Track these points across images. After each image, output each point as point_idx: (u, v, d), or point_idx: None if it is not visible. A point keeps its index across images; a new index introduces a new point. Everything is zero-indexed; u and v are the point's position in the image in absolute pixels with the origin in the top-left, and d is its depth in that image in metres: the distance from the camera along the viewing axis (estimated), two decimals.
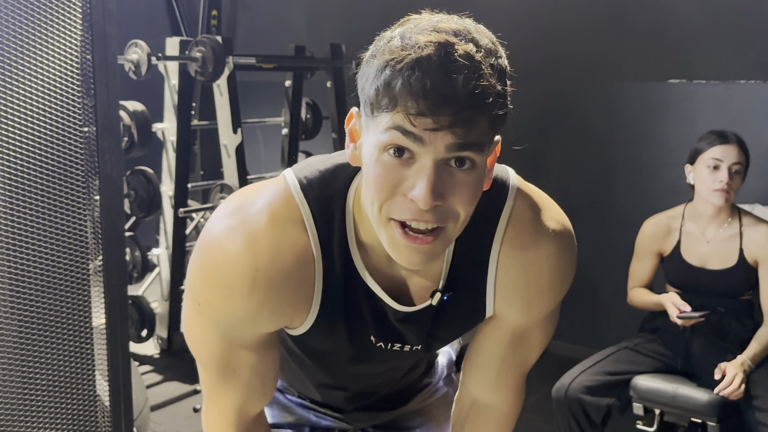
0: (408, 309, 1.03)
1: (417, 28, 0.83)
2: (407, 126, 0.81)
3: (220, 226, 0.97)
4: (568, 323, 3.88)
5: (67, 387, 1.81)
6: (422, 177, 0.82)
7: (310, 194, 0.97)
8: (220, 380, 1.08)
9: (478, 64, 0.80)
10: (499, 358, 1.15)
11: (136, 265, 3.48)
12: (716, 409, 2.24)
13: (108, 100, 1.85)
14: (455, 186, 0.84)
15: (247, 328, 1.01)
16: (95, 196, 1.85)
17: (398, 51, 0.81)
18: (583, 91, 3.77)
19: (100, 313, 1.88)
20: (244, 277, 0.95)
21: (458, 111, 0.79)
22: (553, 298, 1.08)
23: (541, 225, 1.02)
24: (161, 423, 3.09)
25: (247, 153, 3.68)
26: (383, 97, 0.82)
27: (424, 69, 0.79)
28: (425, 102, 0.79)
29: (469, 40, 0.82)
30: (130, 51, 3.35)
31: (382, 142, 0.84)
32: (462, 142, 0.81)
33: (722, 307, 2.38)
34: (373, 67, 0.84)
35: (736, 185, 2.32)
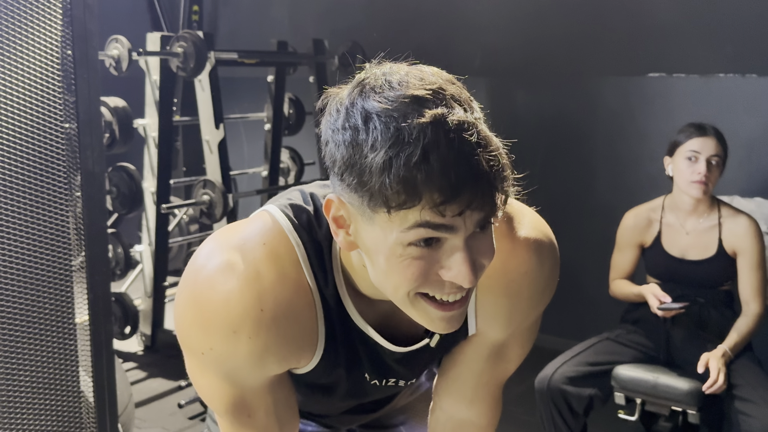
0: (404, 350, 1.01)
1: (394, 103, 0.77)
2: (436, 219, 0.77)
3: (211, 267, 0.91)
4: (551, 315, 3.89)
5: (51, 384, 1.81)
6: (458, 259, 0.80)
7: (304, 236, 0.94)
8: (236, 426, 1.04)
9: (476, 131, 0.77)
10: (477, 373, 1.13)
11: (118, 261, 3.46)
12: (696, 397, 2.27)
13: (89, 96, 1.85)
14: (482, 251, 0.83)
15: (254, 373, 0.97)
16: (77, 193, 1.84)
17: (397, 143, 0.75)
18: (563, 85, 3.80)
19: (83, 309, 1.87)
20: (248, 319, 0.90)
21: (484, 187, 0.76)
22: (535, 311, 1.07)
23: (518, 239, 0.99)
24: (146, 419, 3.08)
25: (230, 149, 3.67)
26: (401, 195, 0.76)
27: (439, 156, 0.74)
28: (450, 190, 0.75)
29: (450, 99, 0.79)
30: (110, 47, 3.32)
31: (408, 239, 0.79)
32: (490, 214, 0.79)
33: (702, 297, 2.41)
34: (371, 161, 0.77)
35: (714, 177, 2.34)
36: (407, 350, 1.01)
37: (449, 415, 1.22)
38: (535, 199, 3.55)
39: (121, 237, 3.50)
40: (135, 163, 3.52)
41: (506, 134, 1.93)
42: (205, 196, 3.45)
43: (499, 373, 1.15)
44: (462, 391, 1.16)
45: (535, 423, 2.61)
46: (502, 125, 3.57)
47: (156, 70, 3.51)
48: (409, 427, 1.38)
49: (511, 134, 3.28)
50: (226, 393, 1.00)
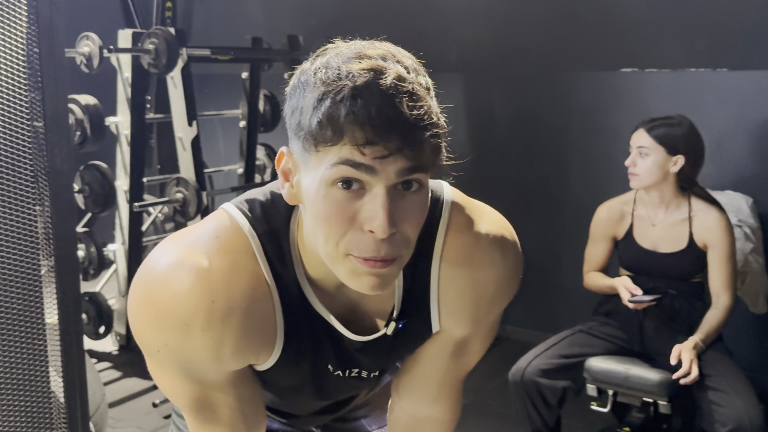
0: (364, 338, 1.01)
1: (342, 57, 0.82)
2: (357, 158, 0.79)
3: (162, 263, 0.91)
4: (526, 309, 3.93)
5: (20, 384, 1.79)
6: (377, 206, 0.81)
7: (258, 228, 0.94)
8: (202, 423, 1.03)
9: (412, 87, 0.80)
10: (441, 370, 1.13)
11: (92, 261, 3.43)
12: (667, 388, 2.30)
13: (56, 93, 1.82)
14: (407, 210, 0.83)
15: (212, 368, 0.96)
16: (45, 192, 1.82)
17: (333, 82, 0.79)
18: (537, 81, 3.82)
19: (52, 310, 1.86)
20: (200, 311, 0.89)
21: (407, 134, 0.78)
22: (499, 305, 1.08)
23: (480, 234, 1.00)
24: (121, 419, 3.06)
25: (206, 146, 3.66)
26: (327, 130, 0.79)
27: (366, 96, 0.78)
28: (373, 130, 0.77)
29: (396, 62, 0.82)
30: (81, 44, 3.29)
31: (330, 176, 0.81)
32: (413, 165, 0.80)
33: (673, 289, 2.43)
34: (308, 101, 0.81)
35: (642, 167, 2.38)
36: (367, 339, 1.01)
37: (411, 414, 1.22)
38: (510, 193, 3.60)
39: (95, 236, 3.47)
40: (107, 161, 3.49)
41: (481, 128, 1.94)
42: (178, 194, 3.43)
43: (461, 368, 1.16)
44: (426, 389, 1.17)
45: (510, 416, 2.63)
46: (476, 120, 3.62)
47: (128, 67, 3.48)
48: (370, 420, 1.39)
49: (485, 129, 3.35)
50: (187, 390, 0.99)
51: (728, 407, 2.15)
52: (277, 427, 1.35)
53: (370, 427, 1.39)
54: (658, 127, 2.38)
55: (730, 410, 2.14)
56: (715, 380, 2.24)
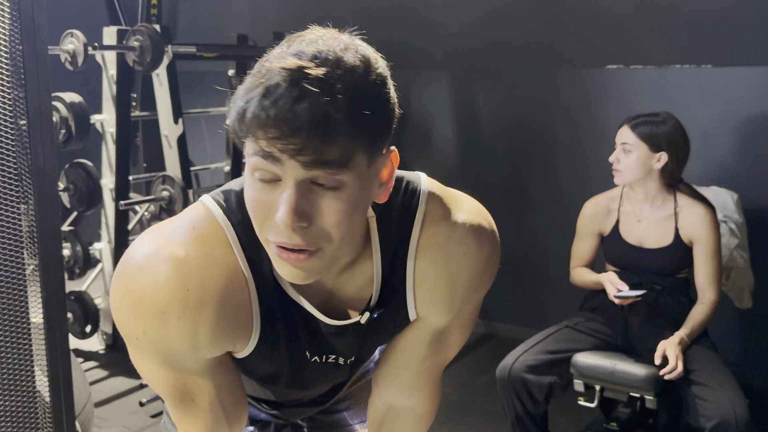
0: (339, 323, 1.02)
1: (283, 53, 0.84)
2: (264, 148, 0.82)
3: (140, 255, 0.94)
4: (513, 305, 3.95)
5: (5, 384, 1.78)
6: (283, 198, 0.83)
7: (233, 218, 0.96)
8: (182, 411, 1.05)
9: (328, 88, 0.80)
10: (419, 359, 1.14)
11: (77, 260, 3.41)
12: (653, 383, 2.31)
13: (39, 91, 1.81)
14: (322, 207, 0.85)
15: (189, 356, 0.98)
16: (29, 191, 1.81)
17: (254, 79, 0.83)
18: (523, 78, 3.83)
19: (37, 309, 1.84)
20: (175, 300, 0.92)
21: (305, 137, 0.79)
22: (475, 294, 1.08)
23: (456, 222, 1.02)
24: (107, 419, 3.05)
25: (192, 144, 3.64)
26: (239, 126, 0.83)
27: (272, 98, 0.80)
28: (274, 130, 0.80)
29: (328, 62, 0.82)
30: (65, 41, 3.27)
31: (250, 166, 0.85)
32: (316, 161, 0.81)
33: (659, 284, 2.45)
34: (237, 93, 0.85)
35: (625, 164, 2.40)
36: (342, 324, 1.03)
37: (389, 405, 1.23)
38: (496, 190, 3.60)
39: (80, 235, 3.45)
40: (93, 159, 3.46)
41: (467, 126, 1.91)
42: (164, 192, 3.41)
43: (440, 359, 1.16)
44: (403, 379, 1.17)
45: (497, 412, 2.63)
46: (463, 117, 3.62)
47: (113, 65, 3.45)
48: (353, 413, 1.40)
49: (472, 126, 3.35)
50: (167, 377, 1.01)
51: (714, 401, 2.16)
52: (264, 418, 1.35)
53: (352, 420, 1.40)
54: (642, 125, 2.39)
55: (716, 404, 2.15)
56: (700, 375, 2.26)
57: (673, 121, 2.41)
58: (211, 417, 1.05)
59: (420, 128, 4.10)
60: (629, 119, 2.43)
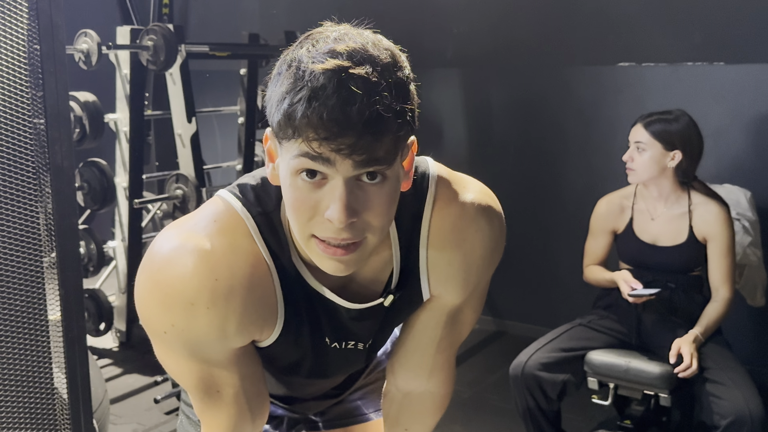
0: (359, 306, 1.04)
1: (313, 53, 0.84)
2: (312, 151, 0.83)
3: (165, 248, 0.96)
4: (524, 303, 3.95)
5: (24, 381, 1.79)
6: (335, 197, 0.85)
7: (252, 209, 0.99)
8: (207, 403, 1.07)
9: (373, 87, 0.82)
10: (435, 341, 1.16)
11: (91, 258, 3.44)
12: (668, 381, 2.31)
13: (57, 90, 1.82)
14: (368, 201, 0.87)
15: (217, 346, 0.99)
16: (47, 189, 1.82)
17: (297, 81, 0.83)
18: (535, 75, 3.82)
19: (55, 306, 1.86)
20: (204, 290, 0.93)
21: (357, 137, 0.81)
22: (487, 271, 1.11)
23: (466, 203, 1.04)
24: (122, 416, 3.07)
25: (203, 143, 3.66)
26: (286, 128, 0.84)
27: (321, 99, 0.81)
28: (325, 131, 0.81)
29: (365, 59, 0.83)
30: (79, 41, 3.29)
31: (294, 167, 0.86)
32: (367, 160, 0.84)
33: (672, 282, 2.45)
34: (275, 95, 0.86)
35: (639, 163, 2.39)
36: (362, 307, 1.05)
37: (406, 392, 1.24)
38: (508, 188, 3.59)
39: (94, 233, 3.47)
40: (106, 158, 3.49)
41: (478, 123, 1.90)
42: (178, 190, 3.43)
43: (455, 338, 1.18)
44: (421, 362, 1.19)
45: (509, 410, 2.64)
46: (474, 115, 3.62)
47: (126, 64, 3.47)
48: (367, 402, 1.42)
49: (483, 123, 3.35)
50: (193, 370, 1.02)
51: (728, 399, 2.16)
52: (281, 413, 1.37)
53: (367, 409, 1.42)
54: (655, 123, 2.38)
55: (730, 402, 2.15)
56: (714, 373, 2.25)
57: (687, 119, 2.40)
58: (235, 408, 1.07)
59: (431, 126, 4.11)
60: (642, 117, 2.43)
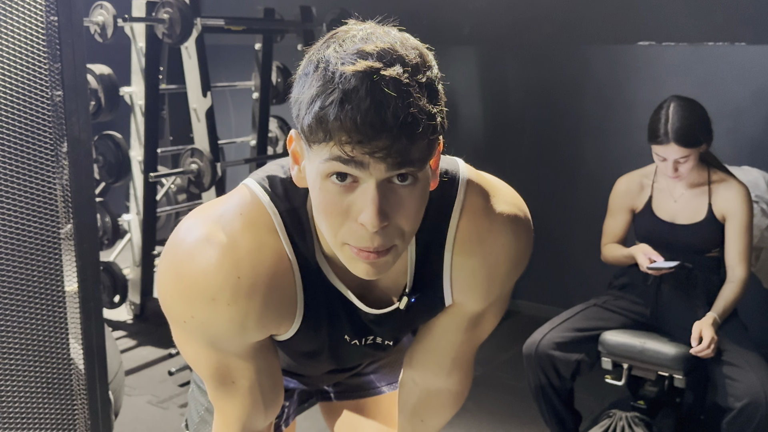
0: (378, 311, 1.04)
1: (341, 53, 0.83)
2: (346, 156, 0.82)
3: (191, 239, 0.95)
4: (537, 283, 3.94)
5: (41, 352, 1.81)
6: (368, 200, 0.84)
7: (280, 205, 0.98)
8: (221, 392, 1.08)
9: (406, 89, 0.81)
10: (456, 344, 1.17)
11: (106, 231, 3.45)
12: (683, 362, 2.30)
13: (74, 62, 1.81)
14: (400, 203, 0.86)
15: (235, 340, 1.00)
16: (64, 160, 1.82)
17: (326, 83, 0.81)
18: (552, 54, 3.78)
19: (72, 279, 1.87)
20: (226, 286, 0.93)
21: (392, 140, 0.80)
22: (510, 282, 1.11)
23: (495, 213, 1.02)
24: (136, 387, 3.10)
25: (217, 118, 3.64)
26: (317, 132, 0.82)
27: (354, 102, 0.79)
28: (359, 134, 0.80)
29: (395, 59, 0.82)
30: (95, 13, 3.28)
31: (324, 170, 0.84)
32: (401, 162, 0.82)
33: (690, 262, 2.43)
34: (305, 96, 0.84)
35: (685, 169, 2.34)
36: (381, 312, 1.05)
37: (423, 387, 1.25)
38: (523, 167, 3.55)
39: (109, 206, 3.48)
40: (121, 131, 3.49)
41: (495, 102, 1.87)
42: (193, 165, 3.43)
43: (475, 341, 1.19)
44: (440, 363, 1.20)
45: (521, 388, 2.65)
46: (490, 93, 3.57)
47: (142, 37, 3.46)
48: (380, 376, 1.43)
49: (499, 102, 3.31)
50: (210, 359, 1.03)
51: (743, 382, 2.15)
52: (293, 386, 1.38)
53: (379, 383, 1.43)
54: (683, 134, 2.28)
55: (745, 384, 2.15)
56: (730, 355, 2.25)
57: (697, 111, 2.33)
58: (249, 399, 1.08)
59: (446, 104, 4.08)
60: (667, 135, 2.29)
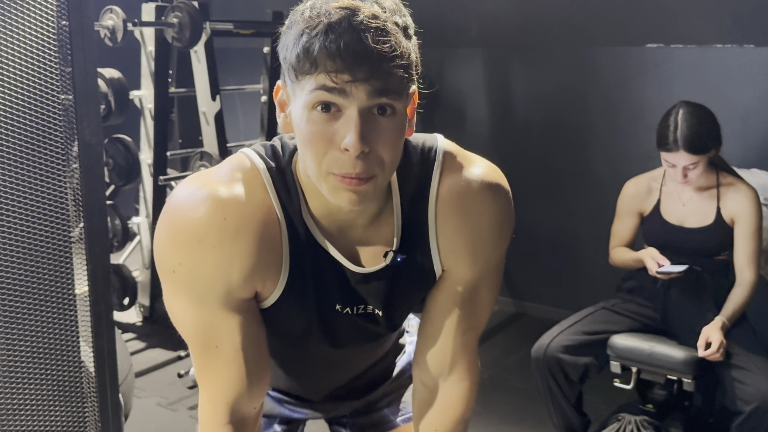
0: (365, 270, 1.07)
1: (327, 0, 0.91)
2: (329, 83, 0.89)
3: (182, 194, 1.01)
4: (544, 285, 3.94)
5: (51, 355, 1.82)
6: (350, 125, 0.90)
7: (268, 163, 1.04)
8: (204, 359, 1.08)
9: (383, 23, 0.89)
10: (454, 321, 1.16)
11: (116, 233, 3.47)
12: (692, 366, 2.30)
13: (85, 66, 1.83)
14: (380, 132, 0.92)
15: (221, 291, 1.02)
16: (74, 164, 1.83)
17: (312, 19, 0.90)
18: (560, 56, 3.78)
19: (82, 282, 1.88)
20: (213, 227, 0.98)
21: (373, 64, 0.88)
22: (497, 247, 1.12)
23: (472, 173, 1.08)
24: (145, 389, 3.11)
25: (226, 120, 3.66)
26: (304, 62, 0.90)
27: (337, 32, 0.88)
28: (342, 61, 0.87)
29: (373, 3, 0.92)
30: (105, 17, 3.30)
31: (310, 101, 0.91)
32: (380, 89, 0.90)
33: (699, 266, 2.42)
34: (291, 36, 0.92)
35: (695, 175, 2.33)
36: (368, 271, 1.08)
37: (432, 386, 1.23)
38: (531, 169, 3.54)
39: (119, 209, 3.50)
40: (131, 134, 3.50)
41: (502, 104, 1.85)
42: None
43: (474, 321, 1.18)
44: (443, 347, 1.18)
45: (529, 391, 2.64)
46: (498, 95, 3.57)
47: (151, 41, 3.48)
48: (394, 409, 1.41)
49: (507, 104, 3.31)
50: (195, 317, 1.05)
51: (753, 385, 2.15)
52: (300, 417, 1.36)
53: (393, 416, 1.41)
54: (693, 141, 2.28)
55: (755, 388, 2.14)
56: (739, 358, 2.24)
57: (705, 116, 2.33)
58: (234, 368, 1.07)
59: (453, 106, 4.08)
60: (679, 143, 2.28)
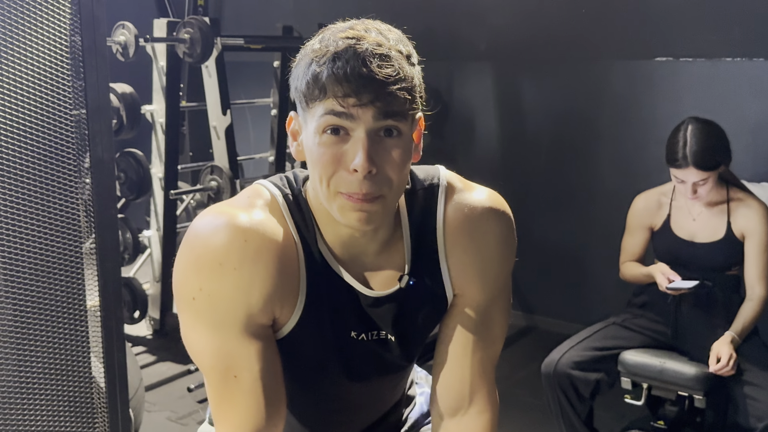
0: (376, 293, 1.10)
1: (333, 32, 0.99)
2: (338, 107, 0.95)
3: (201, 222, 1.04)
4: (555, 299, 3.93)
5: (62, 369, 1.83)
6: (358, 147, 0.96)
7: (284, 191, 1.09)
8: (222, 390, 1.06)
9: (387, 50, 0.97)
10: (469, 348, 1.16)
11: (127, 246, 3.49)
12: (703, 382, 2.29)
13: (98, 82, 1.85)
14: (387, 153, 0.98)
15: (241, 315, 1.02)
16: (86, 179, 1.85)
17: (320, 50, 0.97)
18: (570, 69, 3.79)
19: (93, 294, 1.89)
20: (233, 249, 1.00)
21: (377, 88, 0.95)
22: (503, 264, 1.16)
23: (475, 199, 1.14)
24: (155, 403, 3.11)
25: (236, 134, 3.68)
26: (314, 89, 0.97)
27: (343, 59, 0.95)
28: (349, 85, 0.94)
29: (378, 33, 0.99)
30: (117, 33, 3.33)
31: (320, 125, 0.98)
32: (385, 112, 0.96)
33: (709, 281, 2.41)
34: (301, 67, 1.00)
35: (704, 191, 2.33)
36: (380, 294, 1.11)
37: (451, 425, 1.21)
38: (540, 184, 3.55)
39: (130, 222, 3.52)
40: (142, 148, 3.53)
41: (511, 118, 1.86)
42: (212, 182, 3.47)
43: (490, 348, 1.19)
44: (461, 381, 1.18)
45: (539, 406, 2.63)
46: (507, 109, 3.59)
47: (163, 56, 3.51)
48: None
49: (516, 118, 3.32)
50: (213, 346, 1.05)
51: (765, 402, 2.13)
52: None
53: None
54: (702, 158, 2.27)
55: (766, 404, 2.12)
56: (751, 374, 2.23)
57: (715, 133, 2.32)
58: (252, 399, 1.05)
59: (463, 120, 4.09)
60: (692, 159, 2.27)
